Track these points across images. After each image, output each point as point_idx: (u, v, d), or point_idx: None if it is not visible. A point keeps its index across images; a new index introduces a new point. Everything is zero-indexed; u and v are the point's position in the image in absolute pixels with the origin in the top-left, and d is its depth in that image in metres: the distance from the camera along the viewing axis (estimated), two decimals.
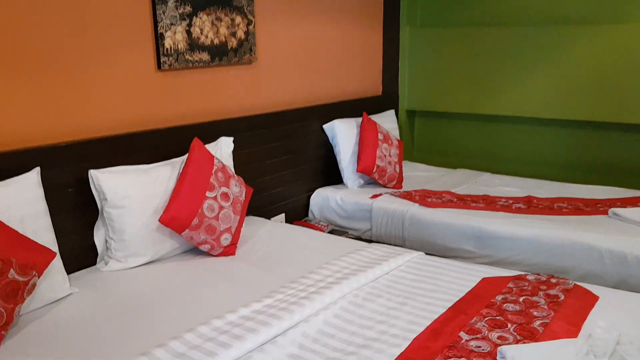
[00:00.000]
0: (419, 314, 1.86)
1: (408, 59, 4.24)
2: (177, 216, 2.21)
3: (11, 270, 1.69)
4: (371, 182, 3.55)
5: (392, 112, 4.02)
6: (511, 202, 3.12)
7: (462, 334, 1.71)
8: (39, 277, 1.79)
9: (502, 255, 2.74)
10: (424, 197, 3.22)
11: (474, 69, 3.95)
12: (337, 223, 3.35)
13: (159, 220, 2.20)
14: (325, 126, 3.48)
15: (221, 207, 2.33)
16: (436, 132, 4.38)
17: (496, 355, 1.57)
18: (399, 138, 3.84)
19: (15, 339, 1.70)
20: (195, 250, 2.39)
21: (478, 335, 1.70)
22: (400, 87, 4.28)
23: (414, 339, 1.70)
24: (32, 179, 1.96)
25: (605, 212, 2.85)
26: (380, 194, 3.30)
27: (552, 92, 3.67)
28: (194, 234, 2.26)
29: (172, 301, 1.95)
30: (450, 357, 1.58)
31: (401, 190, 3.43)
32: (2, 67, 1.98)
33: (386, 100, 4.12)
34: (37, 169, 2.00)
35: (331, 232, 3.23)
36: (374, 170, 3.41)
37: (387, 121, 3.87)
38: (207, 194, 2.29)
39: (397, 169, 3.55)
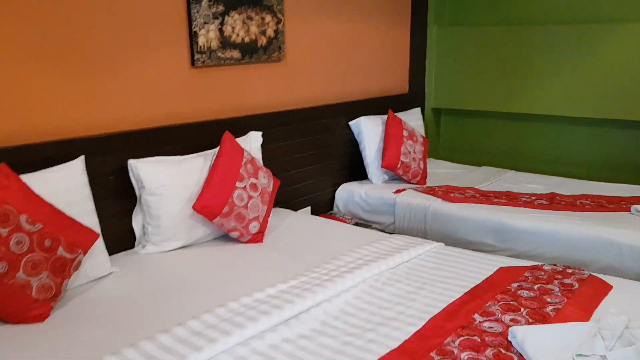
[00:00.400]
0: (436, 298, 1.95)
1: (435, 57, 4.32)
2: (209, 204, 2.35)
3: (60, 247, 1.85)
4: (395, 177, 3.65)
5: (418, 110, 4.10)
6: (534, 198, 3.17)
7: (476, 315, 1.80)
8: (84, 255, 1.95)
9: (522, 249, 2.81)
10: (447, 193, 3.30)
11: (501, 67, 4.01)
12: (361, 217, 3.45)
13: (192, 208, 2.34)
14: (351, 123, 3.59)
15: (250, 197, 2.46)
16: (462, 130, 4.45)
17: (507, 335, 1.66)
18: (424, 135, 3.92)
19: (62, 310, 1.86)
20: (225, 237, 2.52)
21: (491, 318, 1.78)
22: (426, 85, 4.36)
23: (430, 319, 1.79)
24: (77, 166, 2.12)
25: (628, 209, 2.89)
26: (404, 189, 3.40)
27: (578, 91, 3.70)
28: (224, 222, 2.39)
29: (203, 282, 2.09)
30: (462, 336, 1.67)
31: (425, 186, 3.52)
32: (52, 65, 2.15)
33: (412, 98, 4.21)
34: (82, 158, 2.16)
35: (355, 225, 3.33)
36: (399, 166, 3.50)
37: (412, 119, 3.96)
38: (237, 184, 2.43)
39: (422, 166, 3.63)
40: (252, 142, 2.76)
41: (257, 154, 2.76)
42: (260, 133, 2.81)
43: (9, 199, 1.78)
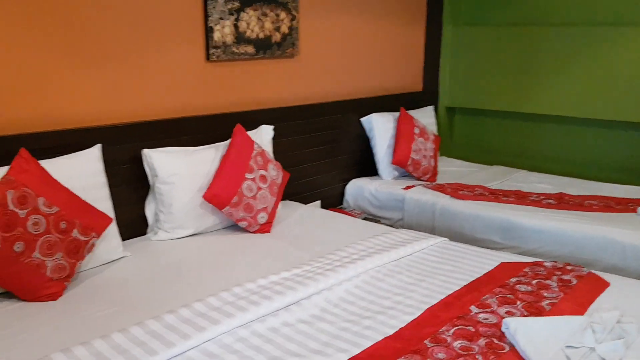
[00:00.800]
0: (435, 290, 2.00)
1: (449, 56, 4.35)
2: (219, 194, 2.43)
3: (74, 230, 1.94)
4: (406, 174, 3.69)
5: (430, 108, 4.13)
6: (542, 197, 3.19)
7: (472, 307, 1.85)
8: (97, 239, 2.04)
9: (527, 247, 2.83)
10: (456, 190, 3.34)
11: (515, 67, 4.02)
12: (370, 212, 3.50)
13: (203, 197, 2.42)
14: (363, 119, 3.64)
15: (259, 188, 2.53)
16: (475, 129, 4.47)
17: (501, 326, 1.70)
18: (436, 133, 3.96)
19: (75, 290, 1.95)
20: (234, 227, 2.60)
21: (487, 310, 1.83)
22: (441, 84, 4.39)
23: (427, 309, 1.85)
24: (94, 154, 2.22)
25: (635, 211, 2.90)
26: (413, 186, 3.44)
27: (589, 92, 3.71)
28: (233, 211, 2.47)
29: (210, 268, 2.17)
30: (457, 325, 1.72)
31: (435, 183, 3.56)
32: (72, 57, 2.24)
33: (426, 96, 4.24)
34: (99, 146, 2.25)
35: (364, 219, 3.38)
36: (409, 162, 3.54)
37: (425, 116, 4.00)
38: (247, 175, 2.50)
39: (432, 163, 3.67)
40: (264, 135, 2.83)
41: (268, 147, 2.83)
42: (271, 127, 2.88)
43: (28, 182, 1.87)
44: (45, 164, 2.01)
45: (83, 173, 2.14)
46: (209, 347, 1.61)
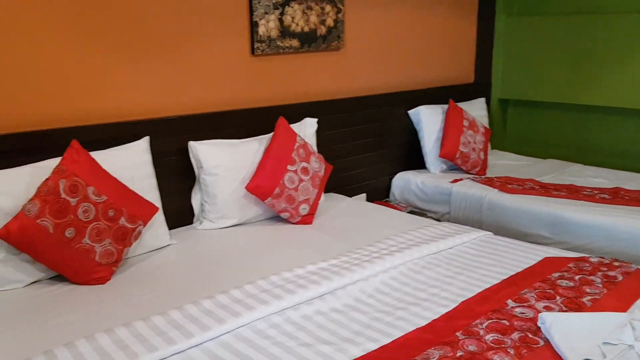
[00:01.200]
0: (473, 283, 1.98)
1: (503, 47, 4.24)
2: (262, 185, 2.48)
3: (122, 218, 2.04)
4: (454, 167, 3.63)
5: (482, 100, 4.05)
6: (596, 192, 3.07)
7: (509, 301, 1.81)
8: (144, 227, 2.14)
9: (577, 243, 2.74)
10: (505, 184, 3.27)
11: (570, 58, 3.88)
12: (416, 205, 3.48)
13: (246, 188, 2.49)
14: (410, 112, 3.61)
15: (301, 180, 2.57)
16: (529, 122, 4.34)
17: (537, 320, 1.67)
18: (487, 126, 3.87)
19: (123, 274, 2.06)
20: (276, 218, 2.65)
21: (524, 304, 1.79)
22: (493, 75, 4.29)
23: (462, 302, 1.83)
24: (142, 146, 2.32)
25: None
26: (461, 179, 3.39)
27: None
28: (275, 202, 2.52)
29: (250, 257, 2.23)
30: (492, 319, 1.70)
31: (484, 176, 3.49)
32: (122, 53, 2.35)
33: (477, 88, 4.16)
34: (147, 138, 2.36)
35: (409, 213, 3.36)
36: (457, 155, 3.49)
37: (475, 109, 3.92)
38: (289, 167, 2.54)
39: (482, 156, 3.60)
40: (307, 128, 2.86)
41: (311, 140, 2.87)
42: (315, 120, 2.91)
43: (79, 172, 1.98)
44: (96, 155, 2.12)
45: (131, 164, 2.24)
46: (243, 332, 1.66)
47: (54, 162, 2.00)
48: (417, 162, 3.69)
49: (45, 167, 1.97)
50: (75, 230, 1.91)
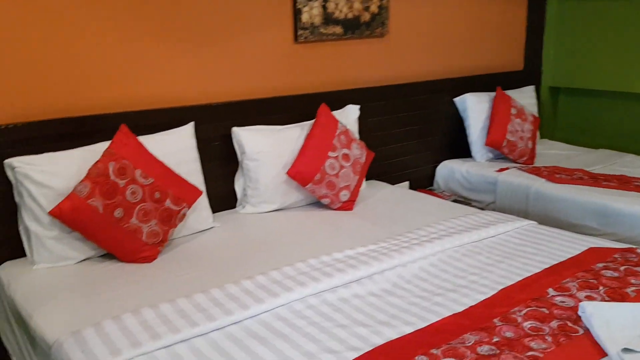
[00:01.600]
0: (513, 271, 1.95)
1: (554, 33, 4.11)
2: (302, 171, 2.52)
3: (167, 200, 2.11)
4: (501, 156, 3.57)
5: (531, 88, 3.95)
6: None
7: (549, 290, 1.78)
8: (188, 209, 2.20)
9: (626, 234, 2.65)
10: (553, 173, 3.18)
11: (624, 44, 3.72)
12: (461, 194, 3.44)
13: (287, 174, 2.52)
14: (456, 99, 3.56)
15: (342, 167, 2.59)
16: (580, 111, 4.20)
17: (577, 309, 1.63)
18: (536, 114, 3.78)
19: (168, 255, 2.13)
20: (317, 204, 2.68)
21: (565, 293, 1.76)
22: (544, 62, 4.17)
23: (501, 289, 1.81)
24: (187, 131, 2.39)
25: None
26: (507, 168, 3.33)
27: None
28: (315, 188, 2.55)
29: (290, 241, 2.26)
30: (530, 307, 1.67)
31: (531, 166, 3.41)
32: (169, 41, 2.42)
33: (527, 75, 4.05)
34: (192, 123, 2.42)
35: (454, 202, 3.33)
36: (504, 144, 3.42)
37: (524, 97, 3.82)
38: (330, 153, 2.56)
39: (529, 145, 3.51)
40: (349, 115, 2.87)
41: (353, 127, 2.87)
42: (357, 107, 2.92)
43: (127, 155, 2.06)
44: (143, 139, 2.20)
45: (177, 149, 2.31)
46: (280, 312, 1.70)
47: (104, 145, 2.09)
48: (462, 150, 3.63)
49: (96, 150, 2.06)
50: (124, 210, 1.99)
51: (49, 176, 2.00)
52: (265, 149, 2.54)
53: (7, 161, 2.01)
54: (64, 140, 2.13)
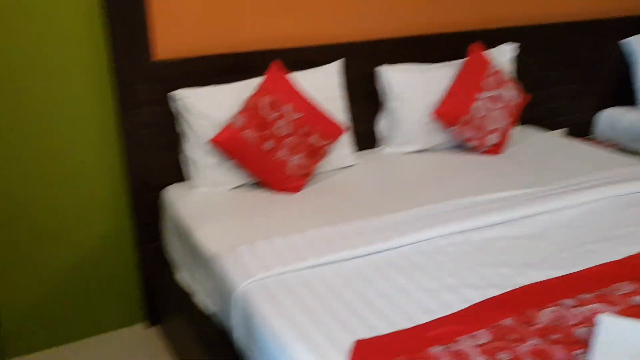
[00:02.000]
0: None
1: None
2: (448, 112, 2.44)
3: (313, 135, 2.18)
4: None
5: None
6: None
7: None
8: (331, 145, 2.26)
9: None
10: None
11: None
12: (625, 145, 3.13)
13: (432, 114, 2.47)
14: (623, 41, 3.20)
15: (492, 109, 2.47)
16: None
17: None
18: None
19: (312, 187, 2.21)
20: (462, 146, 2.59)
21: None
22: None
23: None
24: (334, 69, 2.41)
25: None
26: None
27: None
28: (462, 130, 2.47)
29: (434, 182, 2.22)
30: None
31: None
32: None
33: None
34: (340, 61, 2.44)
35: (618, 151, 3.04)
36: None
37: None
38: (479, 95, 2.46)
39: None
40: (503, 55, 2.71)
41: (507, 67, 2.71)
42: (511, 46, 2.74)
43: (279, 91, 2.15)
44: (294, 75, 2.27)
45: (324, 86, 2.35)
46: (422, 246, 1.70)
47: (258, 80, 2.19)
48: (628, 97, 3.28)
49: (252, 85, 2.17)
50: (274, 142, 2.10)
51: (209, 108, 2.15)
52: (412, 88, 2.50)
53: (172, 93, 2.20)
54: (223, 75, 2.26)
